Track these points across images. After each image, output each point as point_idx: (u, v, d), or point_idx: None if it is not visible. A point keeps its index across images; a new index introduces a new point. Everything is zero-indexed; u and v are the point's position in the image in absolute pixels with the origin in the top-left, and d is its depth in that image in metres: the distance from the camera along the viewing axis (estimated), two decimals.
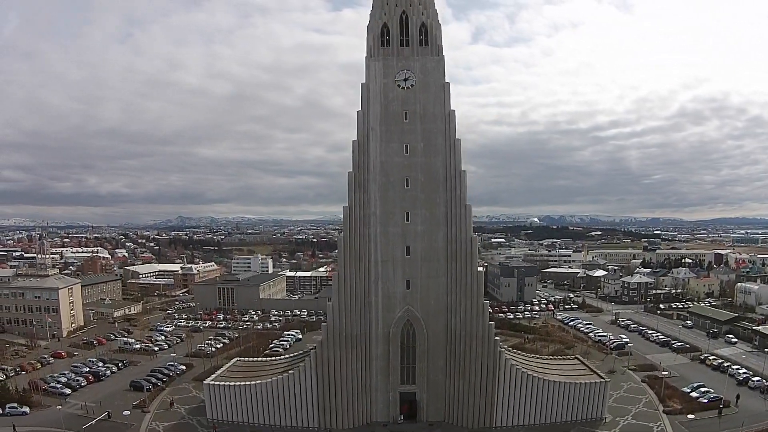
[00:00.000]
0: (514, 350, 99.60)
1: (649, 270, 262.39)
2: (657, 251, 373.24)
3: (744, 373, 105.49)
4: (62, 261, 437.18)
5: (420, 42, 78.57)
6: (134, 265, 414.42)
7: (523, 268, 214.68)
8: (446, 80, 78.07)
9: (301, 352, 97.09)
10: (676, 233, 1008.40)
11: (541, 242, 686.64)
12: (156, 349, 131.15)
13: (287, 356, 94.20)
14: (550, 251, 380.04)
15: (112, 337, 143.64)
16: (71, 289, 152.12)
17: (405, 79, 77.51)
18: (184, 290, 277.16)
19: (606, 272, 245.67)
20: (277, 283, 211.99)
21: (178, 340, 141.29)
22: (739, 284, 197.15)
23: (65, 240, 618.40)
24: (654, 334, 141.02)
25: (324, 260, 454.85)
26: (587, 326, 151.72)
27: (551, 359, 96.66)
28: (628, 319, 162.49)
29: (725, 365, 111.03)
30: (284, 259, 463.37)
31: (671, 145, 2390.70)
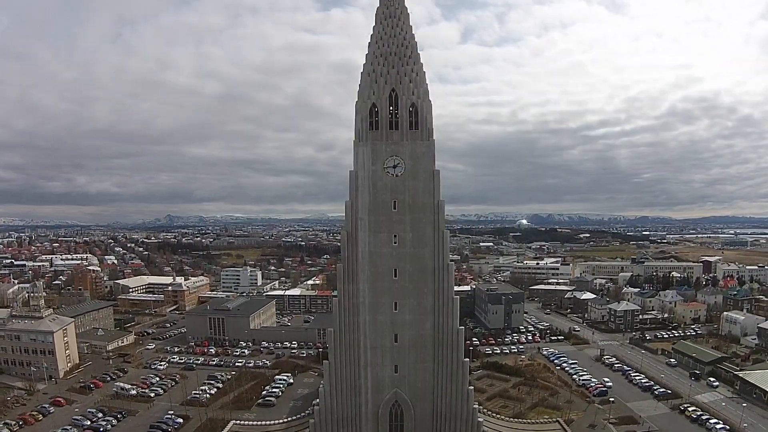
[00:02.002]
0: (494, 415, 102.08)
1: (636, 290, 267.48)
2: (645, 263, 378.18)
3: (721, 428, 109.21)
4: (52, 269, 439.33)
5: (410, 124, 79.00)
6: (124, 273, 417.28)
7: (511, 294, 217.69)
8: (436, 167, 79.05)
9: (296, 417, 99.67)
10: (665, 233, 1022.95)
11: (529, 245, 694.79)
12: (152, 395, 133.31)
13: (282, 422, 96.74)
14: (537, 263, 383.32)
15: (108, 378, 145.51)
16: (65, 329, 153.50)
17: (394, 166, 78.36)
18: (174, 307, 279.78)
19: (593, 296, 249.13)
20: (266, 309, 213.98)
21: (173, 383, 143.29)
22: (725, 313, 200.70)
23: (54, 245, 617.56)
24: (637, 377, 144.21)
25: (312, 268, 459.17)
26: (572, 365, 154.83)
27: (533, 424, 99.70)
28: (612, 356, 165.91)
29: (703, 418, 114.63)
30: (273, 267, 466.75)
31: (661, 144, 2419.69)
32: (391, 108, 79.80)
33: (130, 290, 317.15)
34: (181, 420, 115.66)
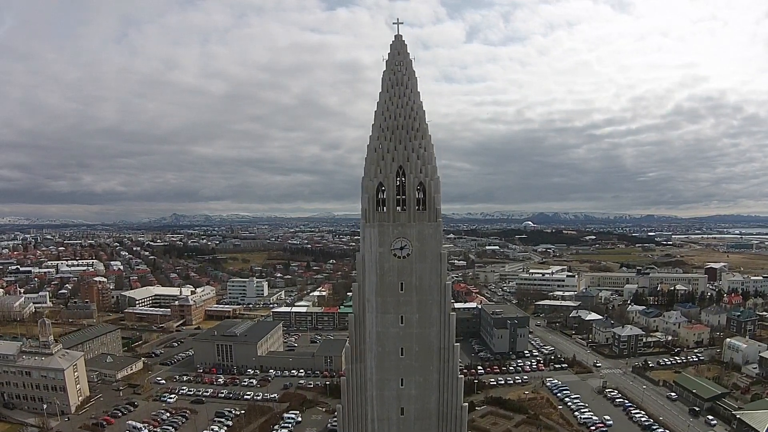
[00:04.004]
0: None
1: (641, 308, 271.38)
2: (650, 275, 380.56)
3: None
4: (58, 276, 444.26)
5: (417, 204, 79.36)
6: (130, 280, 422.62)
7: (516, 318, 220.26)
8: (442, 250, 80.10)
9: None
10: (671, 233, 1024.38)
11: (535, 248, 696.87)
12: None
13: None
14: (543, 274, 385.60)
15: (119, 414, 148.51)
16: (75, 365, 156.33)
17: (401, 248, 78.97)
18: (181, 322, 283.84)
19: (598, 316, 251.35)
20: (273, 333, 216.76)
21: (183, 419, 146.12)
22: (727, 340, 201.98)
23: (60, 249, 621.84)
24: (637, 414, 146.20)
25: (318, 275, 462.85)
26: (575, 400, 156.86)
27: None
28: (615, 388, 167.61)
29: None
30: (279, 274, 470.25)
31: (667, 143, 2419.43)
32: (398, 184, 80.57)
33: (137, 302, 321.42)
34: None
